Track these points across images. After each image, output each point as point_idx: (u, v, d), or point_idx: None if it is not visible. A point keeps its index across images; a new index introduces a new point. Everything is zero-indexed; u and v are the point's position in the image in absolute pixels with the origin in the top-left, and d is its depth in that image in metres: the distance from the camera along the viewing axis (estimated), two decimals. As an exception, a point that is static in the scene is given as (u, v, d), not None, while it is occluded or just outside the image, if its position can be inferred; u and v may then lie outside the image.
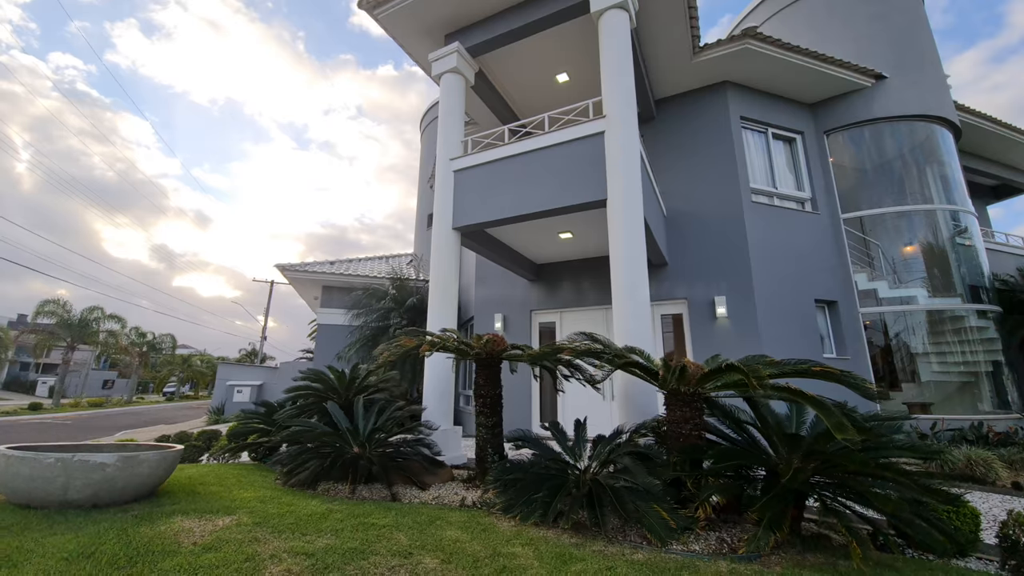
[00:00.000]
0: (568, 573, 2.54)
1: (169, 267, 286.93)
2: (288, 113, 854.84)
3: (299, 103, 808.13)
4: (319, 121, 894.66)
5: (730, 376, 2.97)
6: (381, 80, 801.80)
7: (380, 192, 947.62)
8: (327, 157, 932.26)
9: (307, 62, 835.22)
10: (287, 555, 2.52)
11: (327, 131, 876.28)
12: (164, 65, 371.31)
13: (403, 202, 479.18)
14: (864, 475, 2.98)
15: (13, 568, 2.09)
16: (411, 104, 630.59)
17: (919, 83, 8.82)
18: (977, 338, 7.94)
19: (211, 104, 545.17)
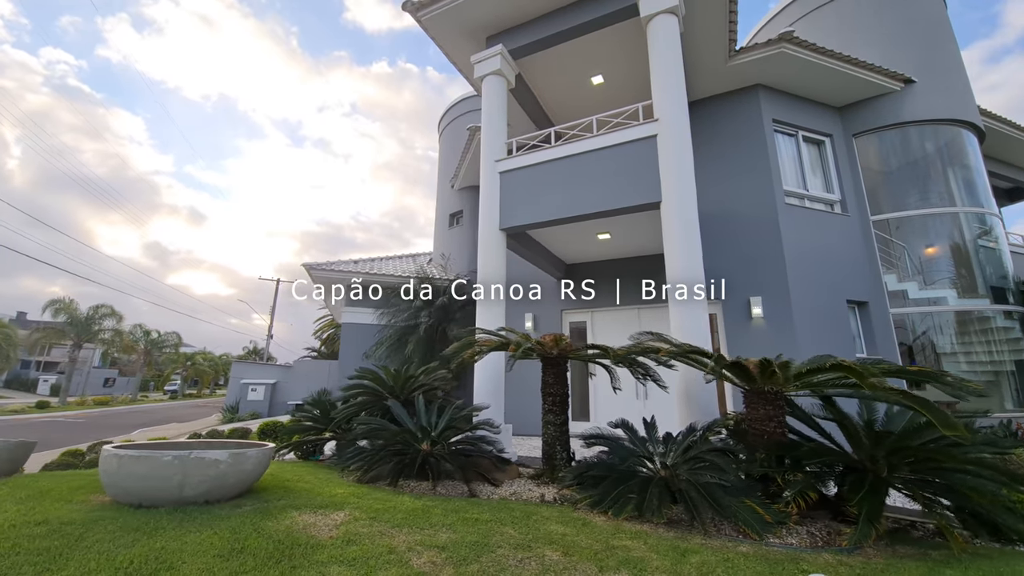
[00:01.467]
0: (688, 564, 2.64)
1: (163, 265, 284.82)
2: (282, 110, 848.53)
3: (293, 100, 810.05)
4: (313, 118, 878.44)
5: (827, 375, 3.09)
6: (375, 77, 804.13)
7: (375, 190, 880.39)
8: (322, 154, 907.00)
9: (301, 58, 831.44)
10: (421, 548, 2.62)
11: (321, 128, 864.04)
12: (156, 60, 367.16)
13: (399, 200, 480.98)
14: (952, 470, 3.11)
15: (172, 569, 2.16)
16: (406, 102, 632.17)
17: (946, 87, 8.98)
18: (1003, 338, 8.13)
19: (204, 100, 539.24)
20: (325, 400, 6.59)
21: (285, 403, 19.66)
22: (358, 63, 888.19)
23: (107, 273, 42.03)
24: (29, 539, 2.37)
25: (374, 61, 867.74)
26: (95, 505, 3.04)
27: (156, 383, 42.35)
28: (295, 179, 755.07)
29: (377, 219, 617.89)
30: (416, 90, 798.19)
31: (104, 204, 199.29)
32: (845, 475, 3.44)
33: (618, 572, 2.51)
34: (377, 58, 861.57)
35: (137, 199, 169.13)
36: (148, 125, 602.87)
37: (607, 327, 9.37)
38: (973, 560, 2.85)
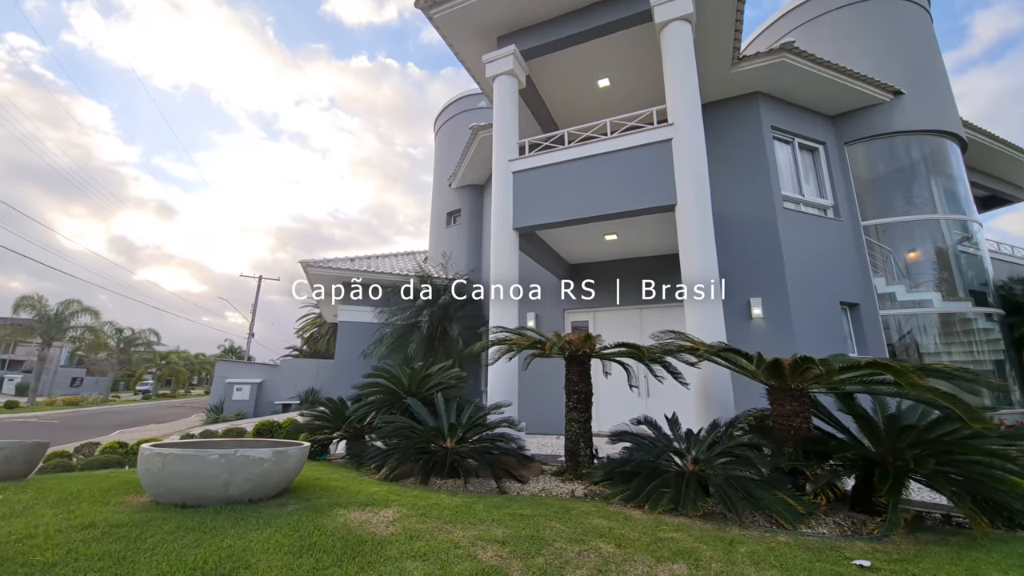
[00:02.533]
0: (739, 554, 2.75)
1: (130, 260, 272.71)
2: (257, 102, 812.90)
3: (269, 92, 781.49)
4: (290, 111, 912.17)
5: (859, 373, 3.25)
6: (355, 72, 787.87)
7: (354, 186, 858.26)
8: (298, 149, 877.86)
9: (277, 50, 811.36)
10: (482, 542, 2.65)
11: (298, 122, 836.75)
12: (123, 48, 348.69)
13: (378, 197, 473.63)
14: (969, 461, 3.31)
15: (250, 567, 2.14)
16: (385, 97, 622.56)
17: (932, 99, 9.43)
18: (984, 339, 8.59)
19: (174, 90, 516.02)
20: (337, 399, 6.51)
21: (272, 403, 19.27)
22: (337, 56, 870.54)
23: (72, 262, 39.58)
24: (84, 544, 2.30)
25: (353, 55, 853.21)
26: (136, 506, 2.96)
27: (127, 383, 40.84)
28: (271, 173, 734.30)
29: (356, 216, 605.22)
30: (396, 85, 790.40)
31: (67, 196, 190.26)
32: (869, 468, 3.61)
33: (675, 562, 2.60)
34: (356, 52, 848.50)
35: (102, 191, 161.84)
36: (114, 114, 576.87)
37: (609, 326, 9.50)
38: (993, 544, 3.04)
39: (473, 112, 14.48)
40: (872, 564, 2.64)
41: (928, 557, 2.77)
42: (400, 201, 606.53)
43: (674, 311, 8.97)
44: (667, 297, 8.98)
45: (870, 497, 3.66)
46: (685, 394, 7.67)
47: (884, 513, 3.51)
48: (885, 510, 3.52)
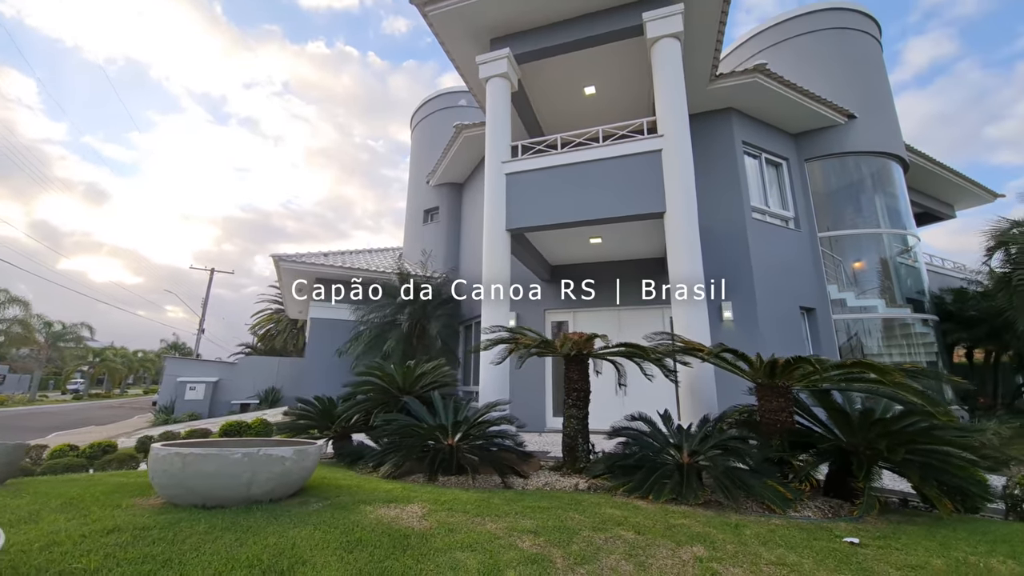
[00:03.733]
0: (746, 536, 3.01)
1: (55, 246, 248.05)
2: (202, 82, 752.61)
3: (216, 72, 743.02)
4: (239, 94, 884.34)
5: (843, 372, 3.63)
6: (311, 57, 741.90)
7: (309, 177, 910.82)
8: (248, 135, 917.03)
9: (225, 28, 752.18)
10: (516, 533, 2.76)
11: (249, 106, 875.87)
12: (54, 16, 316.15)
13: (335, 189, 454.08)
14: (931, 451, 3.76)
15: (306, 563, 2.15)
16: (344, 86, 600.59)
17: (881, 123, 10.38)
18: (920, 342, 9.57)
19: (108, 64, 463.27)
20: (325, 397, 6.37)
21: (228, 402, 18.33)
22: (292, 40, 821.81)
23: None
24: (119, 548, 2.22)
25: (310, 40, 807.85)
26: (151, 508, 2.85)
27: (56, 381, 37.42)
28: (217, 159, 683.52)
29: (310, 208, 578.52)
30: (356, 75, 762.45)
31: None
32: (843, 458, 4.02)
33: (693, 545, 2.82)
34: (313, 37, 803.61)
35: (24, 170, 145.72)
36: (40, 87, 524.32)
37: (588, 327, 9.77)
38: (956, 523, 3.48)
39: (452, 110, 14.43)
40: (860, 541, 2.98)
41: (904, 535, 3.15)
42: (358, 195, 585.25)
43: (650, 312, 9.40)
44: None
45: (843, 484, 4.08)
46: (660, 392, 8.05)
47: (856, 498, 3.95)
48: (857, 495, 3.96)
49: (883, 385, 3.61)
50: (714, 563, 2.56)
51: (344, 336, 11.53)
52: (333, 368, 11.46)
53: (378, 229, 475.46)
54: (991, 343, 10.20)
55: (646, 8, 6.68)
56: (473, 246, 11.98)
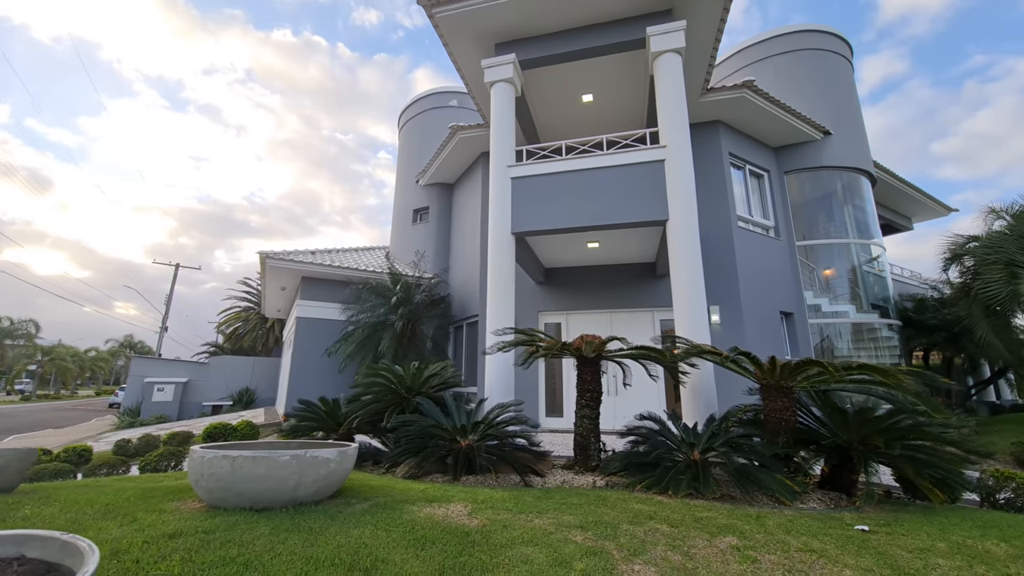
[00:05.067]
0: (769, 525, 3.24)
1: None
2: (157, 65, 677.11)
3: (173, 56, 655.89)
4: (198, 80, 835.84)
5: (847, 373, 3.94)
6: (276, 45, 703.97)
7: (274, 169, 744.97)
8: (208, 123, 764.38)
9: (183, 10, 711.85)
10: (565, 528, 2.89)
11: (208, 92, 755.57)
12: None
13: (301, 183, 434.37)
14: (918, 446, 4.13)
15: (385, 561, 2.19)
16: (312, 77, 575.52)
17: (852, 140, 11.09)
18: (885, 345, 10.30)
19: (55, 43, 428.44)
20: (330, 399, 6.30)
21: (199, 404, 17.67)
22: (256, 26, 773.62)
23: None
24: (192, 552, 2.19)
25: (275, 27, 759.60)
26: (198, 511, 2.82)
27: (6, 380, 34.81)
28: (173, 147, 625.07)
29: (275, 202, 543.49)
30: (324, 66, 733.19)
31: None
32: (842, 453, 4.34)
33: (725, 536, 3.02)
34: (279, 24, 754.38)
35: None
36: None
37: (581, 328, 10.01)
38: (947, 512, 3.83)
39: (443, 110, 14.40)
40: (869, 528, 3.27)
41: (904, 523, 3.46)
42: (326, 189, 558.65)
43: (641, 315, 9.72)
44: (635, 303, 9.71)
45: (839, 478, 4.41)
46: (648, 392, 8.38)
47: (851, 491, 4.29)
48: (852, 488, 4.31)
49: (884, 386, 3.95)
50: (750, 551, 2.77)
51: (331, 336, 11.33)
52: (321, 368, 11.25)
53: (347, 225, 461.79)
54: (948, 348, 11.08)
55: (650, 23, 6.95)
56: (465, 247, 12.02)
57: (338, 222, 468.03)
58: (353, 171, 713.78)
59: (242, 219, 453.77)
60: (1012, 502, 3.96)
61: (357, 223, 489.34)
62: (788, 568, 2.56)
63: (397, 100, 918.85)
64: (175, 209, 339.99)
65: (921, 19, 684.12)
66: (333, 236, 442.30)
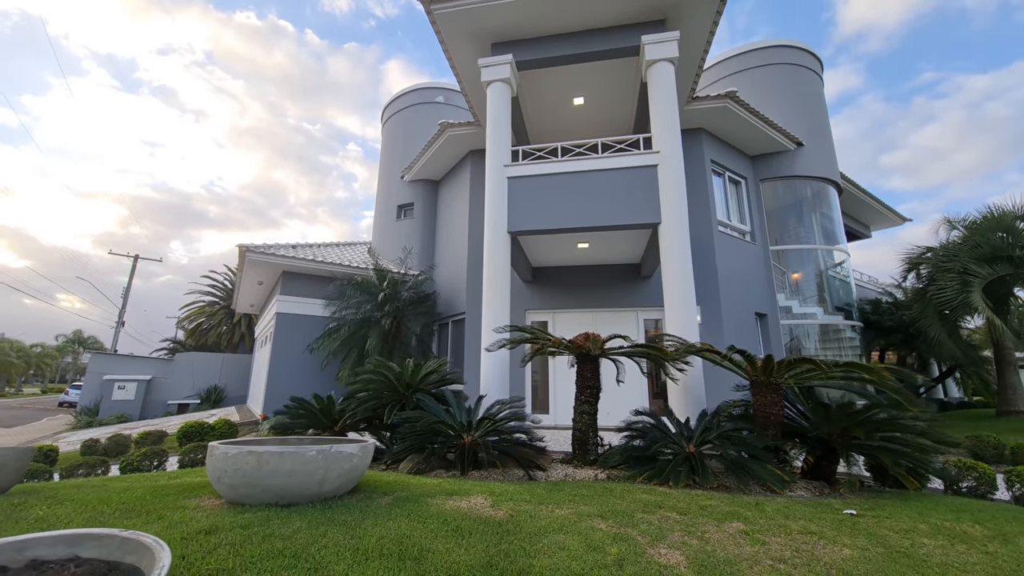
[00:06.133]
0: (768, 511, 3.48)
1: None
2: (109, 43, 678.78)
3: (125, 34, 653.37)
4: (153, 60, 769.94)
5: (834, 371, 4.25)
6: (239, 28, 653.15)
7: (236, 158, 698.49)
8: (163, 106, 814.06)
9: None
10: (586, 518, 3.02)
11: (164, 74, 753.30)
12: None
13: (264, 173, 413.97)
14: (892, 437, 4.49)
15: (429, 551, 2.26)
16: (277, 63, 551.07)
17: (822, 151, 11.74)
18: (848, 345, 10.98)
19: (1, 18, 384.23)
20: (324, 396, 6.21)
21: (164, 403, 16.93)
22: (217, 6, 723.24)
23: None
24: (236, 546, 2.18)
25: (237, 8, 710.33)
26: (222, 508, 2.78)
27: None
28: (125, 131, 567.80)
29: (236, 192, 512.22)
30: (291, 53, 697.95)
31: None
32: (825, 445, 4.66)
33: (731, 522, 3.22)
34: (242, 6, 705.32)
35: None
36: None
37: (567, 327, 10.20)
38: (921, 498, 4.20)
39: (429, 106, 14.29)
40: (856, 512, 3.56)
41: (885, 507, 3.78)
42: (291, 180, 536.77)
43: (626, 315, 9.99)
44: (620, 303, 9.98)
45: (821, 468, 4.74)
46: (631, 389, 8.65)
47: (832, 480, 4.63)
48: (832, 477, 4.64)
49: (869, 382, 4.28)
50: (757, 534, 2.98)
51: (312, 332, 11.10)
52: (301, 365, 11.00)
53: (313, 219, 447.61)
54: (903, 348, 11.92)
55: (645, 31, 7.17)
56: (451, 244, 12.01)
57: (304, 215, 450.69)
58: (321, 163, 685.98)
59: (200, 209, 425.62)
60: (974, 489, 4.37)
61: (324, 216, 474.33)
62: (795, 549, 2.78)
63: (368, 91, 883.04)
64: (126, 197, 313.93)
65: (877, 36, 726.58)
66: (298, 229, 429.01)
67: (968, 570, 2.49)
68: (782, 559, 2.63)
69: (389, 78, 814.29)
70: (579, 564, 2.23)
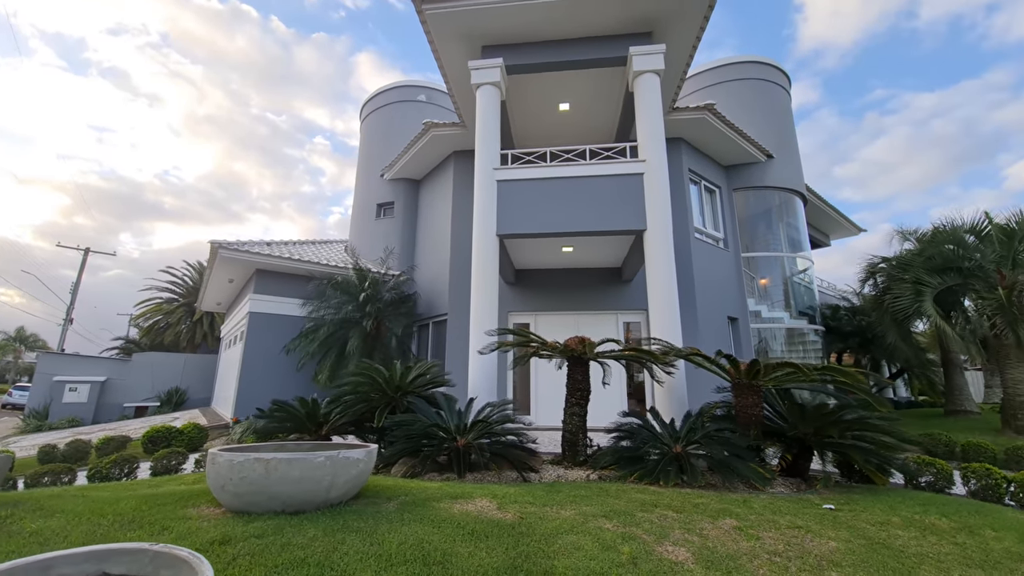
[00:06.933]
0: (756, 507, 3.68)
1: None
2: (56, 20, 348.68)
3: (72, 10, 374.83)
4: (103, 40, 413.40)
5: (814, 374, 4.52)
6: (198, 10, 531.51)
7: (194, 147, 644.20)
8: (113, 89, 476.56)
9: None
10: (592, 518, 3.11)
11: (115, 55, 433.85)
12: None
13: (225, 164, 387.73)
14: (860, 436, 4.81)
15: (452, 554, 2.29)
16: (240, 49, 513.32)
17: (790, 163, 12.36)
18: (811, 348, 11.61)
19: None
20: (309, 399, 6.08)
21: (120, 405, 16.04)
22: None
23: None
24: (255, 555, 2.14)
25: None
26: (227, 517, 2.71)
27: None
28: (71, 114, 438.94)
29: (193, 183, 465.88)
30: (255, 39, 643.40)
31: None
32: (801, 444, 4.95)
33: (724, 518, 3.39)
34: None
35: None
36: None
37: (549, 329, 10.23)
38: (889, 492, 4.52)
39: (410, 104, 14.14)
40: (835, 507, 3.81)
41: (858, 502, 4.06)
42: (254, 173, 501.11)
43: (606, 317, 10.21)
44: (601, 306, 10.20)
45: (796, 466, 5.02)
46: (608, 392, 8.86)
47: (806, 476, 4.92)
48: (806, 474, 4.93)
49: (845, 385, 4.58)
50: (749, 529, 3.15)
51: (288, 332, 10.79)
52: (276, 366, 10.66)
53: (277, 214, 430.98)
54: (860, 351, 12.70)
55: (633, 43, 7.37)
56: (432, 245, 11.92)
57: (267, 209, 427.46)
58: (286, 155, 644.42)
59: (153, 200, 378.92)
60: (932, 484, 4.74)
61: (290, 211, 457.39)
62: (786, 542, 2.96)
63: (338, 84, 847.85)
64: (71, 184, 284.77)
65: (833, 53, 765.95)
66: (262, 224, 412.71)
67: (942, 559, 2.73)
68: (777, 552, 2.80)
69: (360, 71, 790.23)
70: (597, 563, 2.32)
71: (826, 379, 4.66)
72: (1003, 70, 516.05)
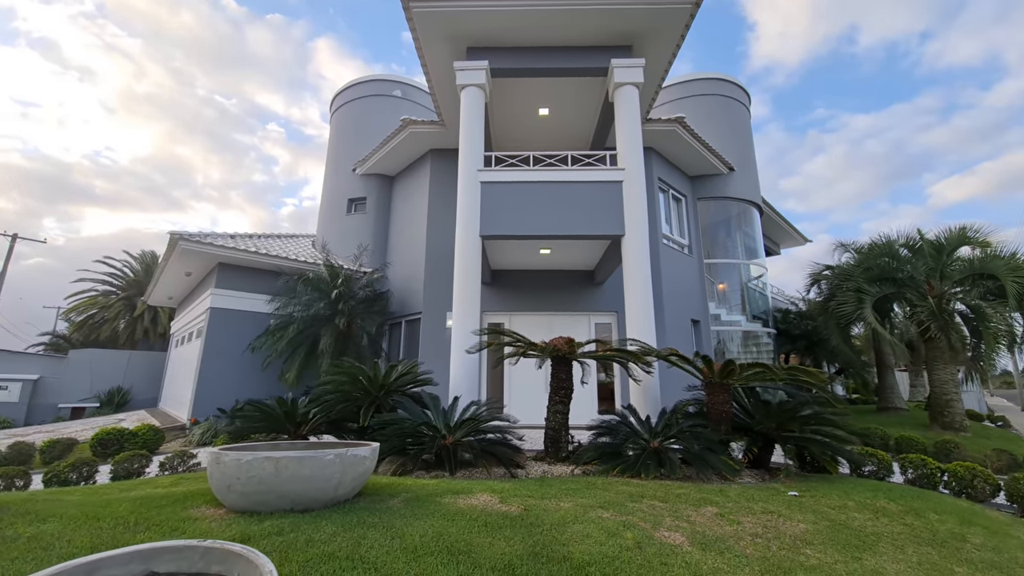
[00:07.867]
0: (731, 495, 4.00)
1: None
2: None
3: None
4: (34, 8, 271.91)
5: (782, 374, 4.94)
6: None
7: (131, 127, 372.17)
8: (40, 60, 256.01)
9: None
10: (592, 509, 3.30)
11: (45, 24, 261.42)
12: None
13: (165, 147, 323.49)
14: (816, 431, 5.30)
15: (479, 545, 2.40)
16: (185, 25, 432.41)
17: (748, 176, 13.18)
18: (764, 349, 12.45)
19: None
20: (287, 398, 5.93)
21: (55, 406, 14.82)
22: None
23: None
24: (282, 552, 2.18)
25: None
26: (236, 516, 2.68)
27: None
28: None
29: (128, 166, 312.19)
30: (204, 16, 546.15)
31: None
32: (765, 438, 5.38)
33: (705, 506, 3.68)
34: None
35: None
36: None
37: (523, 329, 10.39)
38: (843, 480, 5.00)
39: (383, 99, 13.90)
40: (799, 494, 4.20)
41: (817, 489, 4.48)
42: (200, 158, 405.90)
43: (578, 318, 10.52)
44: (574, 307, 10.50)
45: (761, 458, 5.46)
46: (580, 390, 9.20)
47: (768, 467, 5.36)
48: (768, 465, 5.38)
49: (808, 384, 5.03)
50: (729, 515, 3.45)
51: (251, 330, 10.37)
52: (238, 364, 10.22)
53: (225, 203, 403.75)
54: (807, 352, 13.74)
55: (614, 55, 7.67)
56: (406, 242, 11.82)
57: (215, 198, 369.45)
58: (236, 141, 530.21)
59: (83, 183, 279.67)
60: (875, 473, 5.30)
61: (239, 201, 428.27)
62: (764, 525, 3.27)
63: (295, 69, 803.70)
64: None
65: (781, 72, 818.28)
66: (208, 214, 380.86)
67: (895, 538, 3.11)
68: (757, 534, 3.09)
69: (318, 57, 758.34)
70: (608, 548, 2.50)
71: (793, 378, 5.10)
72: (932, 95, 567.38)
